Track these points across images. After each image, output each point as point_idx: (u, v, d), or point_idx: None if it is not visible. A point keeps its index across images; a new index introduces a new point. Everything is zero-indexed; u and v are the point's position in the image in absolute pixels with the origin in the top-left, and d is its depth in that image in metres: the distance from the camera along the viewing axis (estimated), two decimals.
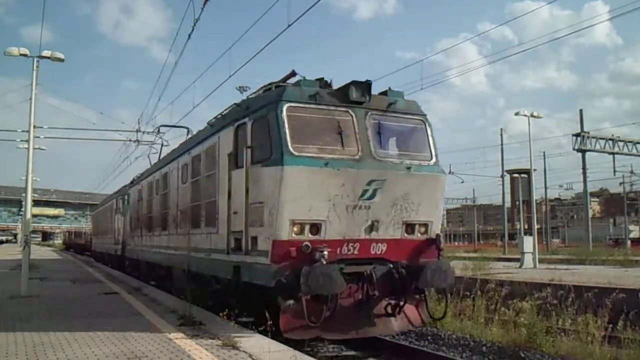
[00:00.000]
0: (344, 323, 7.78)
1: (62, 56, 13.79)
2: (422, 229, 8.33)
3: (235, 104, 9.24)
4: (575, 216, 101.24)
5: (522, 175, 41.23)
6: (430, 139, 8.65)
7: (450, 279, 8.17)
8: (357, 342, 8.67)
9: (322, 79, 8.23)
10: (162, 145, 19.36)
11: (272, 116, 7.52)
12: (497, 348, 8.78)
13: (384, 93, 8.53)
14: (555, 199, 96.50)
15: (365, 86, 7.97)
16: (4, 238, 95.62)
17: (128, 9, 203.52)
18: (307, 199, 7.26)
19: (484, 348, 8.80)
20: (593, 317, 9.09)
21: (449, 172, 46.61)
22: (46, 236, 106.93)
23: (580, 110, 39.11)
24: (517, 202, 41.66)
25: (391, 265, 8.02)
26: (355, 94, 7.87)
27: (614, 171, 41.53)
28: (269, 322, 7.33)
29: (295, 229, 7.30)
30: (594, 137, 37.78)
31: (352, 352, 8.62)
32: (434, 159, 8.54)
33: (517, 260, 25.54)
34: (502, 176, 46.21)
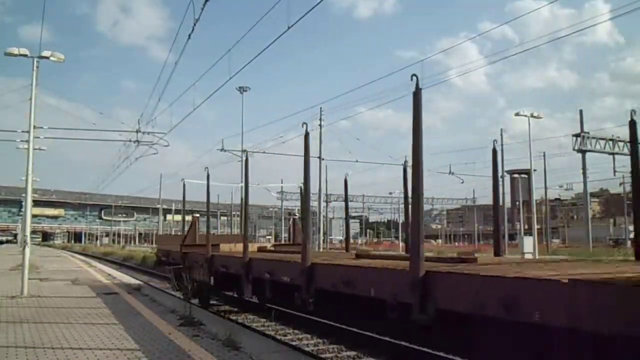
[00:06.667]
0: None
1: (62, 56, 13.79)
2: None
3: None
4: (575, 216, 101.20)
5: (522, 175, 41.32)
6: None
7: None
8: (357, 342, 8.67)
9: None
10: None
11: None
12: None
13: None
14: (555, 199, 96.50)
15: None
16: (4, 238, 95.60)
17: (127, 8, 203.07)
18: None
19: None
20: None
21: (449, 173, 46.74)
22: (46, 236, 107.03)
23: (580, 111, 39.40)
24: (517, 203, 41.72)
25: None
26: None
27: (614, 171, 41.65)
28: None
29: None
30: (594, 138, 37.92)
31: (352, 352, 8.61)
32: None
33: None
34: (502, 176, 46.27)
